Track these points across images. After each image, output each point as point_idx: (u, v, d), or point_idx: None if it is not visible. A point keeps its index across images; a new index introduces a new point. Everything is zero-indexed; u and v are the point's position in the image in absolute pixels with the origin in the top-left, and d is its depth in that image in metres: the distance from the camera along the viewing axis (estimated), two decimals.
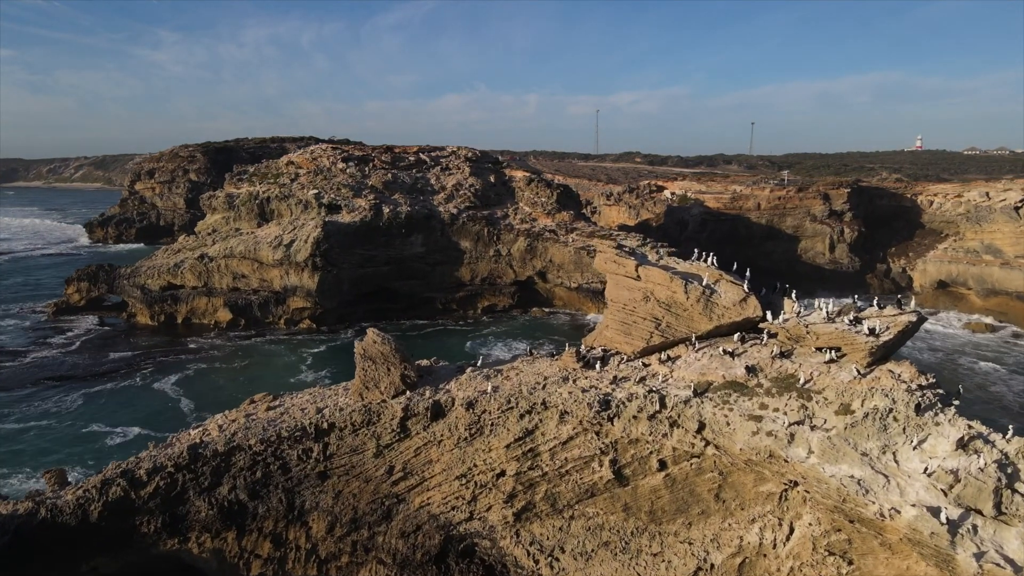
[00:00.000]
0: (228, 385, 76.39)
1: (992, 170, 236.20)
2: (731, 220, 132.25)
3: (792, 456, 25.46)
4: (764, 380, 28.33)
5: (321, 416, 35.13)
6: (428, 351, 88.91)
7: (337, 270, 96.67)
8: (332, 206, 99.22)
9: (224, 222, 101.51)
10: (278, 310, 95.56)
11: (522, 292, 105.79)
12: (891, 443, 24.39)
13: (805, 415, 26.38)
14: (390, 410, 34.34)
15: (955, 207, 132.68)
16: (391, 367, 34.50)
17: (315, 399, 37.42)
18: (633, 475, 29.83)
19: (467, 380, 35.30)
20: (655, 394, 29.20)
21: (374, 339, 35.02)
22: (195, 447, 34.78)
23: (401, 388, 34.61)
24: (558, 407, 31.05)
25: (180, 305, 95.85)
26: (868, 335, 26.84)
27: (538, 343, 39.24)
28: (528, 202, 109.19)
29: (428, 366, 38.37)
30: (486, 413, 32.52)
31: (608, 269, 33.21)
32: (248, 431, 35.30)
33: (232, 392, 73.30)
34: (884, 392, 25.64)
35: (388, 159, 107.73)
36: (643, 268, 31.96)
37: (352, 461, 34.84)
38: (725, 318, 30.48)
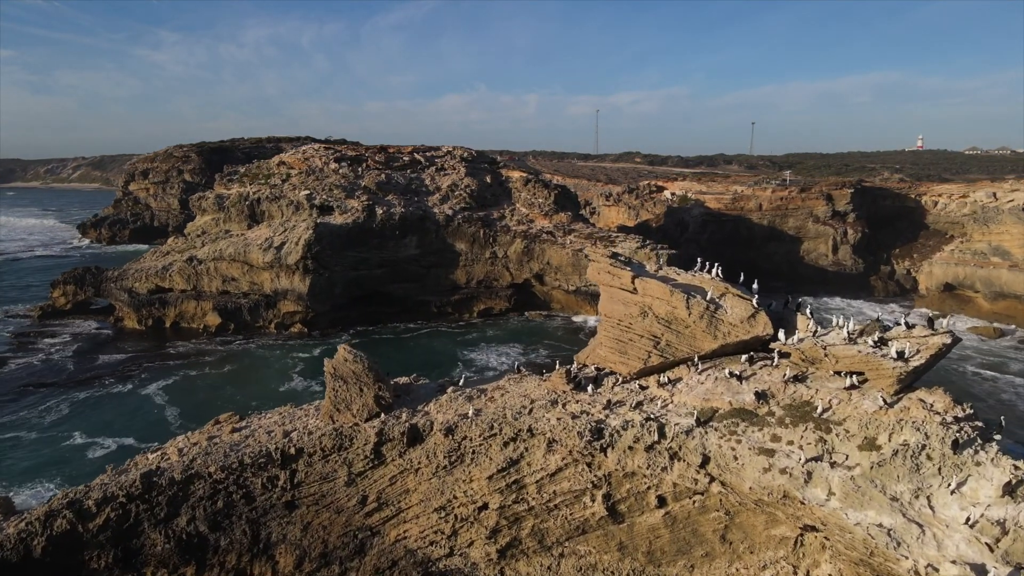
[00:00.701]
0: (216, 392, 73.10)
1: (994, 170, 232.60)
2: (732, 221, 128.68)
3: (810, 498, 22.02)
4: (776, 408, 24.85)
5: (288, 440, 31.73)
6: (417, 355, 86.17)
7: (329, 273, 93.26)
8: (324, 207, 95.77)
9: (214, 224, 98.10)
10: (268, 314, 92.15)
11: (519, 295, 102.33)
12: (925, 486, 20.93)
13: (824, 450, 22.92)
14: (363, 434, 30.93)
15: (960, 208, 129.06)
16: (364, 387, 31.08)
17: (284, 420, 34.01)
18: (629, 512, 26.39)
19: (447, 401, 31.86)
20: (653, 422, 25.74)
21: (345, 356, 31.57)
22: (149, 475, 31.39)
23: (375, 410, 31.19)
24: (545, 435, 27.60)
25: (168, 309, 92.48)
26: (896, 360, 23.35)
27: (523, 364, 35.55)
28: (525, 203, 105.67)
29: (407, 384, 34.94)
30: (467, 440, 29.09)
31: (602, 280, 29.77)
32: (208, 457, 31.90)
33: (220, 399, 70.08)
34: (915, 425, 22.14)
35: (382, 159, 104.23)
36: (640, 280, 28.48)
37: (322, 490, 31.46)
38: (731, 336, 27.02)
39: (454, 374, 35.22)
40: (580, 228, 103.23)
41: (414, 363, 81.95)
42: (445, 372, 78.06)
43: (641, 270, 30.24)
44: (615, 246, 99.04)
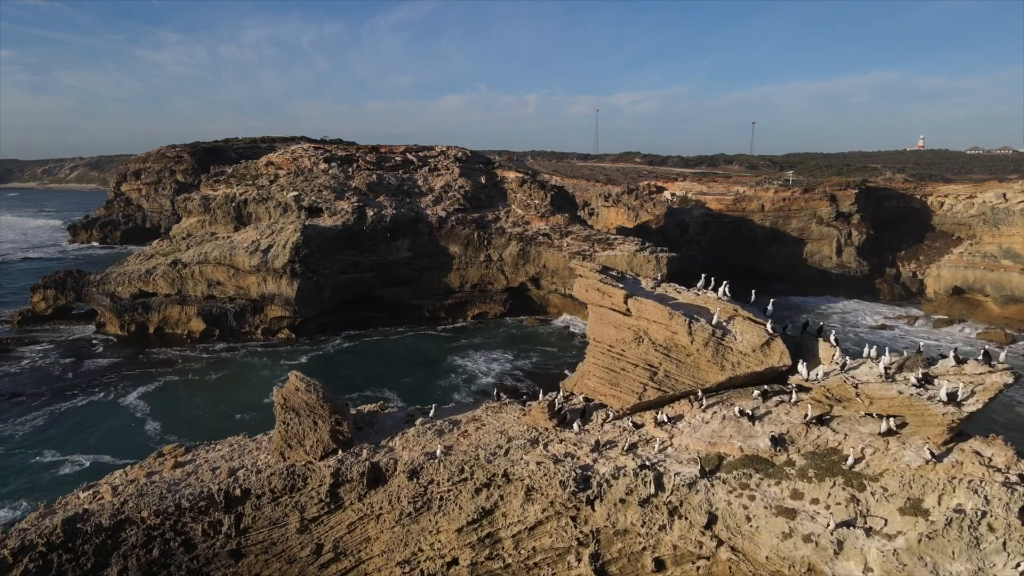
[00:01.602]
0: (199, 402, 68.81)
1: (996, 170, 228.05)
2: (734, 222, 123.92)
3: (841, 574, 17.63)
4: (797, 456, 20.41)
5: (234, 480, 27.34)
6: (406, 362, 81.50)
7: (317, 277, 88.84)
8: (313, 209, 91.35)
9: (199, 226, 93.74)
10: (255, 319, 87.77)
11: (515, 299, 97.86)
12: (987, 565, 16.52)
13: (857, 512, 18.50)
14: (317, 474, 26.53)
15: (967, 208, 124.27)
16: (318, 420, 26.66)
17: (233, 454, 29.59)
18: (621, 575, 21.99)
19: (415, 436, 27.42)
20: (649, 471, 21.31)
21: (296, 385, 27.13)
22: (73, 521, 27.04)
23: (331, 447, 26.78)
24: (523, 481, 23.18)
25: (152, 314, 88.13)
26: (946, 403, 18.88)
27: (503, 390, 30.98)
28: (521, 204, 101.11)
29: (372, 412, 30.50)
30: (434, 484, 24.67)
31: (590, 299, 25.33)
32: (142, 499, 27.52)
33: (203, 410, 65.79)
34: (971, 485, 17.69)
35: (373, 159, 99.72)
36: (634, 300, 24.01)
37: (271, 537, 27.08)
38: (741, 368, 22.60)
39: (427, 407, 30.55)
40: (577, 230, 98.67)
41: (401, 370, 77.66)
42: (433, 380, 73.67)
43: (636, 287, 25.76)
44: (613, 248, 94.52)
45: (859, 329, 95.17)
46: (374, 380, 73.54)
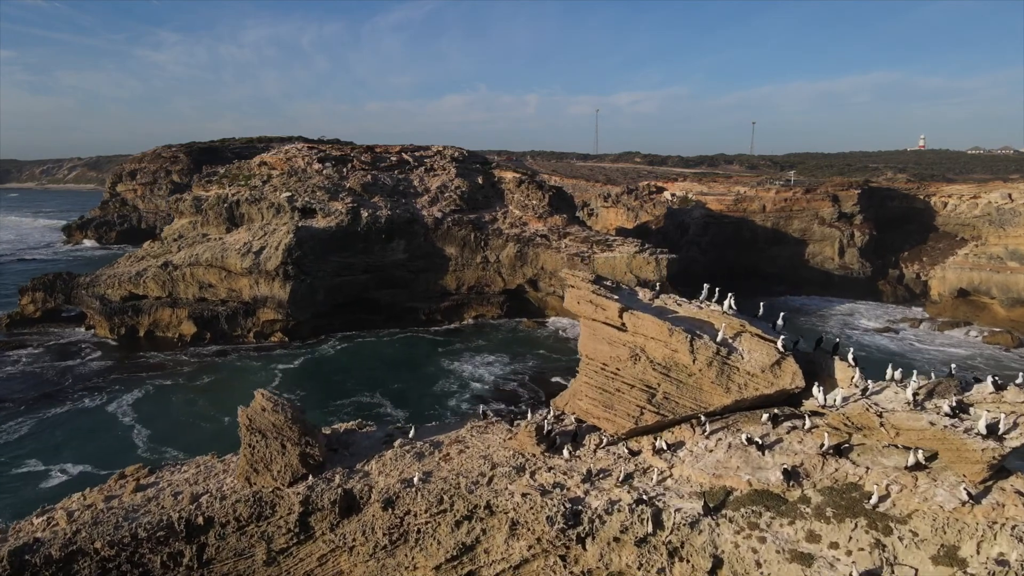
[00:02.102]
0: (190, 409, 66.38)
1: (998, 169, 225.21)
2: (735, 223, 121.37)
3: None
4: (812, 492, 18.00)
5: (196, 507, 24.95)
6: (399, 365, 78.89)
7: (311, 279, 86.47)
8: (306, 210, 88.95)
9: (191, 227, 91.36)
10: (247, 322, 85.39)
11: (512, 301, 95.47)
12: None
13: (883, 559, 16.10)
14: (286, 502, 24.13)
15: (971, 209, 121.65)
16: (287, 443, 24.26)
17: (198, 477, 27.17)
18: None
19: (393, 459, 25.00)
20: (646, 506, 18.92)
21: (263, 405, 24.70)
22: (21, 552, 24.66)
23: (301, 472, 24.37)
24: (508, 514, 20.77)
25: (142, 317, 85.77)
26: (985, 437, 16.45)
27: (486, 411, 28.46)
28: (518, 205, 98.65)
29: (349, 431, 28.08)
30: (411, 515, 22.26)
31: (582, 312, 22.91)
32: (97, 528, 25.13)
33: (192, 417, 63.40)
34: (1015, 532, 15.28)
35: (368, 159, 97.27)
36: (630, 314, 21.57)
37: (237, 569, 24.70)
38: (749, 390, 20.18)
39: (407, 426, 28.06)
40: (576, 231, 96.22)
41: (395, 375, 75.26)
42: (426, 385, 71.32)
43: (632, 299, 23.33)
44: (612, 250, 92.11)
45: (862, 332, 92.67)
46: (366, 385, 71.21)
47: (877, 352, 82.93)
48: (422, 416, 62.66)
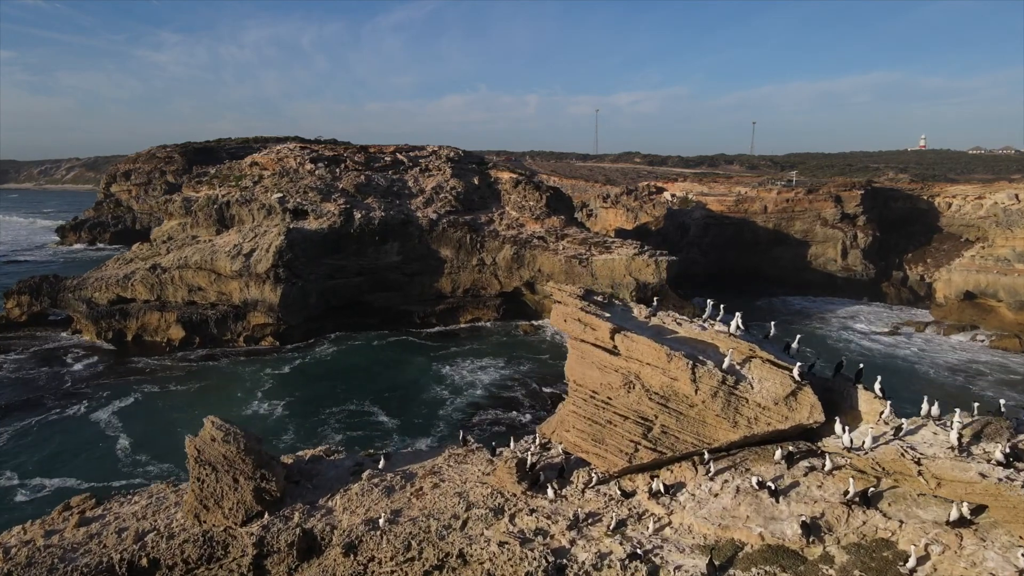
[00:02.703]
0: (176, 417, 63.54)
1: (1000, 170, 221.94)
2: (736, 224, 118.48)
3: None
4: (836, 549, 15.16)
5: (141, 547, 22.17)
6: (390, 371, 75.72)
7: (302, 282, 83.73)
8: (298, 211, 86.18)
9: (180, 229, 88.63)
10: (237, 327, 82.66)
11: (508, 304, 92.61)
12: None
13: None
14: (239, 543, 21.36)
15: (975, 210, 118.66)
16: (240, 477, 21.45)
17: (148, 511, 24.38)
18: None
19: (359, 494, 22.18)
20: (641, 562, 16.08)
21: (213, 435, 21.87)
22: None
23: (256, 509, 21.56)
24: (483, 564, 17.94)
25: (130, 321, 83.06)
26: None
27: (466, 437, 25.51)
28: (515, 206, 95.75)
29: (314, 459, 25.27)
30: (375, 563, 19.43)
31: (570, 330, 20.03)
32: (30, 570, 22.32)
33: (179, 425, 60.49)
34: None
35: (362, 159, 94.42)
36: (624, 336, 18.66)
37: None
38: (760, 424, 17.32)
39: (378, 453, 25.07)
40: (574, 233, 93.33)
41: (387, 381, 72.40)
42: (418, 392, 68.50)
43: (626, 317, 20.42)
44: (611, 252, 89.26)
45: (865, 335, 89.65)
46: (357, 392, 68.48)
47: (881, 357, 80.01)
48: (412, 426, 59.92)
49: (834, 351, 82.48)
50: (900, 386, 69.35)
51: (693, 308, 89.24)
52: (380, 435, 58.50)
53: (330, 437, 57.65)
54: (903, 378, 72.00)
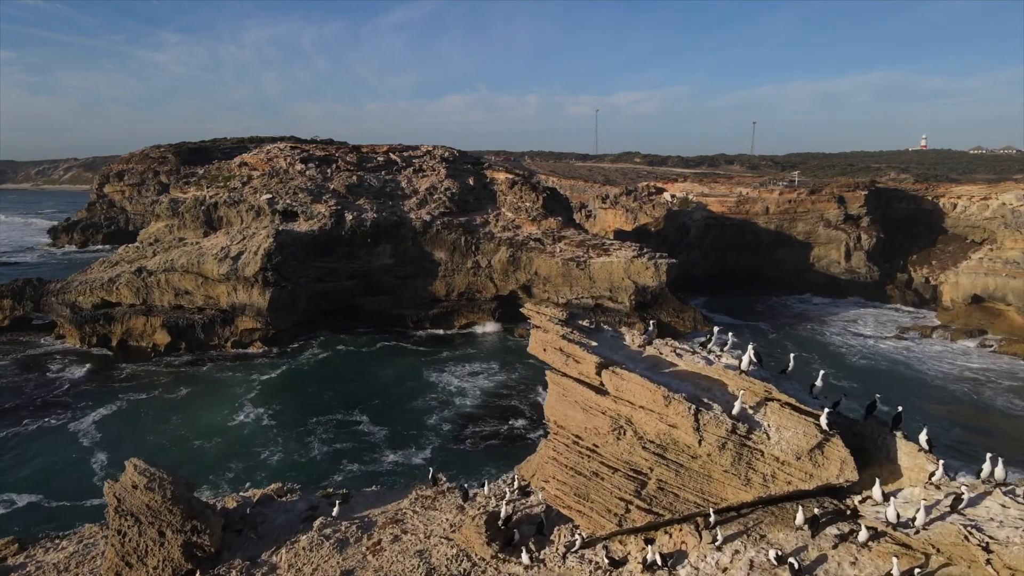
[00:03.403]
0: (159, 427, 60.47)
1: (1001, 170, 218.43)
2: (737, 225, 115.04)
3: None
4: None
5: None
6: (381, 378, 71.80)
7: (292, 286, 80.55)
8: (287, 213, 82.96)
9: (167, 231, 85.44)
10: (225, 331, 79.49)
11: (504, 308, 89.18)
12: None
13: None
14: None
15: (981, 211, 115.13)
16: (167, 530, 18.17)
17: (72, 560, 21.11)
18: None
19: (308, 547, 18.87)
20: None
21: (135, 481, 18.53)
22: None
23: (185, 567, 18.26)
24: None
25: (115, 325, 79.91)
26: None
27: (437, 475, 22.22)
28: (511, 207, 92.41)
29: (265, 499, 21.97)
30: None
31: (549, 361, 16.50)
32: None
33: (160, 436, 57.45)
34: None
35: (354, 160, 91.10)
36: (613, 373, 15.11)
37: None
38: (778, 482, 13.93)
39: (336, 494, 21.58)
40: (571, 235, 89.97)
41: (376, 389, 69.09)
42: (407, 400, 65.12)
43: (616, 347, 16.79)
44: (609, 254, 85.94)
45: (870, 340, 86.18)
46: (346, 400, 65.27)
47: (886, 363, 76.58)
48: (400, 437, 56.63)
49: (837, 356, 79.14)
50: (907, 395, 65.93)
51: (694, 312, 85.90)
52: (367, 447, 55.30)
53: (315, 449, 54.52)
54: (909, 386, 68.65)
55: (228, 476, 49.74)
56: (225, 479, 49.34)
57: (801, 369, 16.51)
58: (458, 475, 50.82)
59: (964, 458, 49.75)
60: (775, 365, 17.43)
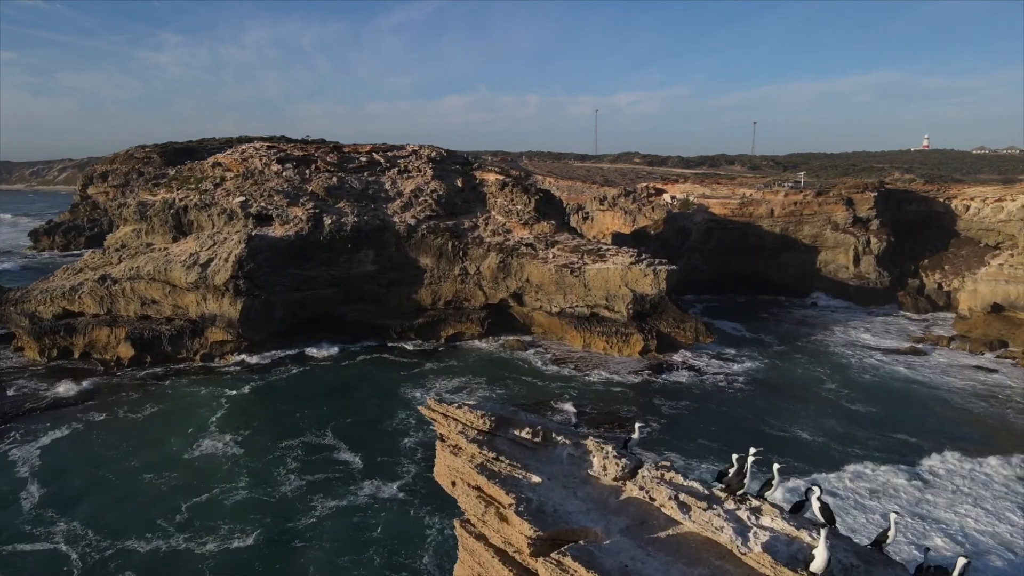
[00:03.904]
0: (108, 454, 54.09)
1: (1006, 170, 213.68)
2: (740, 228, 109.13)
3: None
4: None
5: None
6: (357, 394, 63.55)
7: (266, 295, 74.66)
8: (261, 216, 77.10)
9: (134, 236, 79.56)
10: (194, 343, 73.62)
11: (494, 318, 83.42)
12: None
13: None
14: None
15: (995, 213, 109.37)
16: None
17: None
18: None
19: None
20: None
21: None
22: None
23: None
24: None
25: (76, 337, 74.00)
26: None
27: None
28: (501, 210, 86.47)
29: None
30: None
31: (462, 504, 9.69)
32: None
33: (106, 468, 51.04)
34: None
35: (334, 160, 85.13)
36: (559, 565, 8.66)
37: None
38: None
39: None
40: (565, 239, 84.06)
41: (352, 406, 62.65)
42: (383, 419, 58.87)
43: (574, 481, 9.42)
44: (605, 260, 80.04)
45: (881, 352, 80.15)
46: (320, 421, 59.21)
47: (899, 380, 70.30)
48: (375, 466, 50.56)
49: (847, 370, 73.20)
50: (922, 416, 60.00)
51: (696, 322, 79.84)
52: (342, 479, 49.11)
53: (283, 483, 48.15)
54: (925, 406, 62.53)
55: (178, 520, 43.46)
56: (174, 523, 43.15)
57: (812, 388, 10.42)
58: (435, 512, 44.98)
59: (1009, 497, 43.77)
60: (783, 380, 11.32)
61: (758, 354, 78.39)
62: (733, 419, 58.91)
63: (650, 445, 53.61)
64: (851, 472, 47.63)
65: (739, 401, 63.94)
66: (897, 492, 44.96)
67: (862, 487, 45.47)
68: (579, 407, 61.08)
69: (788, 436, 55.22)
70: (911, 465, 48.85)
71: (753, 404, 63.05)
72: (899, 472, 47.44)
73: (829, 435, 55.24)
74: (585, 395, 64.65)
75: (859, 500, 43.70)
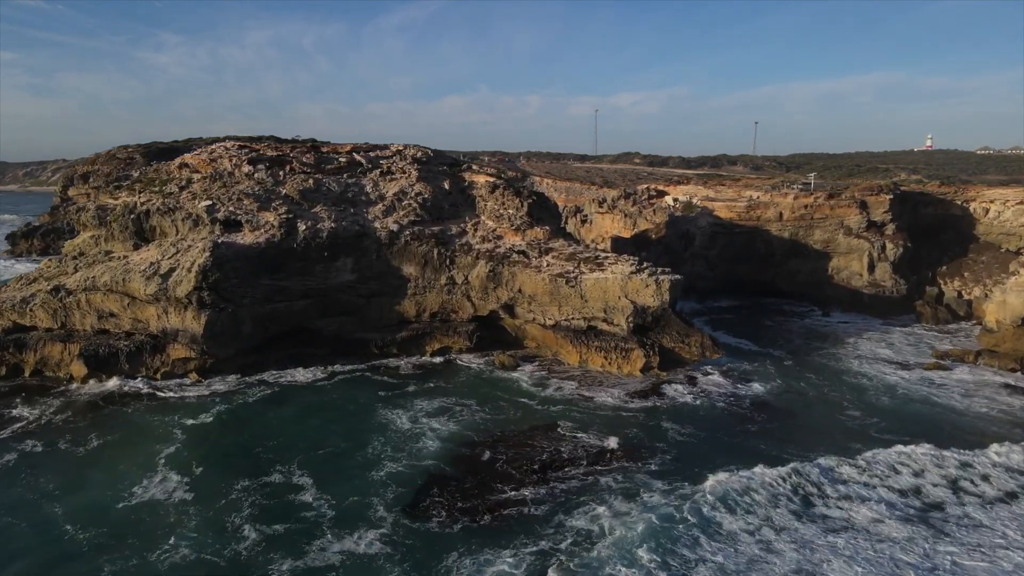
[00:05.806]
0: (37, 498, 45.42)
1: (1012, 170, 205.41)
2: (747, 233, 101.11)
3: None
4: None
5: None
6: (331, 420, 52.87)
7: (234, 307, 66.89)
8: (229, 222, 69.29)
9: (93, 243, 71.83)
10: (154, 360, 65.95)
11: (484, 331, 75.69)
12: None
13: None
14: None
15: (1017, 216, 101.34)
16: None
17: None
18: None
19: None
20: None
21: None
22: None
23: None
24: None
25: (27, 353, 66.38)
26: None
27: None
28: (492, 215, 78.55)
29: None
30: None
31: None
32: None
33: (27, 516, 42.74)
34: None
35: (311, 160, 77.24)
36: None
37: None
38: None
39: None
40: (560, 247, 76.16)
41: (324, 434, 54.03)
42: (356, 449, 50.36)
43: None
44: (603, 269, 72.17)
45: (899, 369, 72.09)
46: (288, 454, 51.11)
47: (920, 403, 62.17)
48: (345, 511, 42.22)
49: (863, 391, 65.13)
50: (952, 443, 51.89)
51: (701, 336, 71.88)
52: (307, 529, 40.75)
53: (238, 536, 39.81)
54: (955, 436, 54.33)
55: None
56: None
57: (831, 413, 2.59)
58: (419, 568, 37.11)
59: None
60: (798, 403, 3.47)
61: (770, 371, 70.51)
62: (748, 450, 51.19)
63: (660, 475, 46.55)
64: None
65: (753, 428, 56.20)
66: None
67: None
68: (595, 436, 53.18)
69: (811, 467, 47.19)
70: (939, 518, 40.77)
71: (768, 431, 55.38)
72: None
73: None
74: (586, 419, 57.00)
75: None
